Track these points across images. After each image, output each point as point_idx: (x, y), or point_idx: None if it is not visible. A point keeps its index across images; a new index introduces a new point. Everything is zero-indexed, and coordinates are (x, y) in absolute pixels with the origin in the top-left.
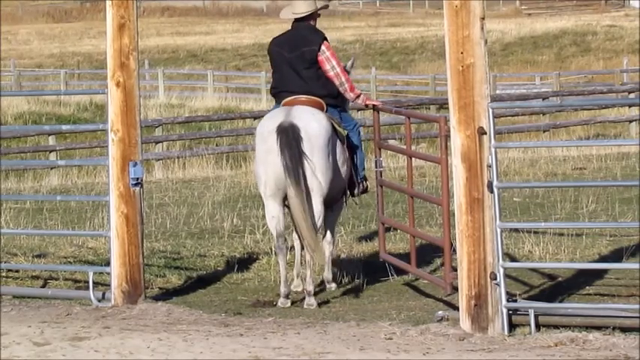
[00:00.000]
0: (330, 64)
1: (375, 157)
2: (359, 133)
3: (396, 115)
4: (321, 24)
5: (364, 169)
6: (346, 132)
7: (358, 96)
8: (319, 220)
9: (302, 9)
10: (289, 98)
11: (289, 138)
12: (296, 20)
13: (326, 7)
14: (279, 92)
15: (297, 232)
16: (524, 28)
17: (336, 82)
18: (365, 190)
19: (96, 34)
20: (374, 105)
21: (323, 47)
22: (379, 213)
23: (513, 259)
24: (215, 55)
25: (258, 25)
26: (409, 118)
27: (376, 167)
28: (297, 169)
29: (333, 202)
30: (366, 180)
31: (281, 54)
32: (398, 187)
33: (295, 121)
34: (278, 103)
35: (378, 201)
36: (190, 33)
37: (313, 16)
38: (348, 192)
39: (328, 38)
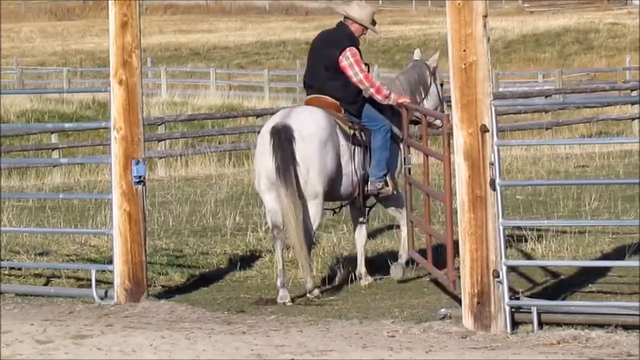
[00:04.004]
0: (352, 71)
1: (403, 154)
2: (385, 133)
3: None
4: (324, 21)
5: (383, 169)
6: (352, 131)
7: (387, 96)
8: (316, 221)
9: (353, 13)
10: (308, 97)
11: (281, 139)
12: (342, 21)
13: (364, 32)
14: (305, 84)
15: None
16: (526, 25)
17: (362, 88)
18: (380, 192)
19: (98, 32)
20: (404, 102)
21: (348, 53)
22: (408, 211)
23: (516, 257)
24: (218, 53)
25: (260, 23)
26: (425, 116)
27: (404, 164)
28: (288, 171)
29: (346, 200)
30: (386, 183)
31: (316, 48)
32: (419, 185)
33: (290, 122)
34: (307, 95)
35: (406, 198)
36: (193, 31)
37: (358, 25)
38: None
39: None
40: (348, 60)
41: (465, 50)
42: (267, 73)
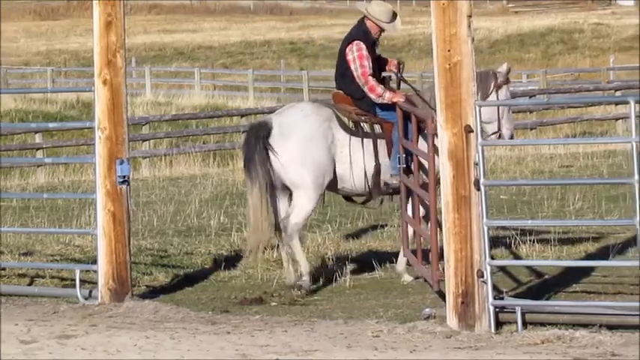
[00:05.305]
0: (354, 65)
1: (398, 153)
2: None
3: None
4: (309, 21)
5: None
6: (352, 123)
7: (381, 95)
8: (301, 212)
9: (368, 9)
10: (333, 92)
11: (250, 137)
12: (362, 17)
13: (382, 31)
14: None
15: (276, 229)
16: (511, 25)
17: (359, 84)
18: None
19: (83, 32)
20: (398, 102)
21: (354, 47)
22: (403, 211)
23: (501, 257)
24: (202, 53)
25: (245, 22)
26: (415, 116)
27: (399, 164)
28: (254, 169)
29: (362, 193)
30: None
31: (340, 45)
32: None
33: (274, 118)
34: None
35: (401, 198)
36: (177, 30)
37: (372, 22)
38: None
39: (360, 40)
40: (352, 54)
41: (449, 50)
42: (251, 72)
